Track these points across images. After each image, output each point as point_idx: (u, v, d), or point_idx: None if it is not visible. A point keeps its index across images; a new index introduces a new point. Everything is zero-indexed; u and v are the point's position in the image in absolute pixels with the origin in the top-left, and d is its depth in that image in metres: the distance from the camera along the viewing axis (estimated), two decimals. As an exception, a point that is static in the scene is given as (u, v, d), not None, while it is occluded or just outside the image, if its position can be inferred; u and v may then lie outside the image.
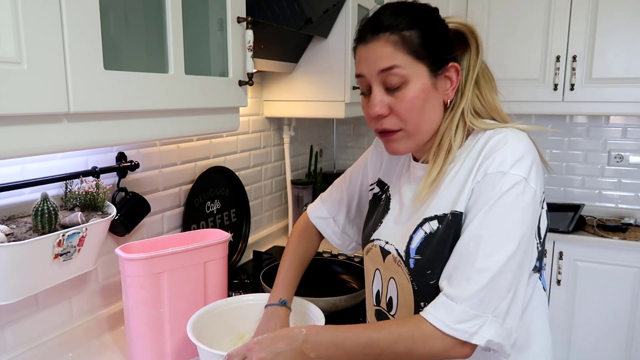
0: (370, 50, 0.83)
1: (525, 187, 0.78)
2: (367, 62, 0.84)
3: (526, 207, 0.78)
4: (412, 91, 0.82)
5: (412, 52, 0.82)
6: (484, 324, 0.75)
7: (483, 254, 0.76)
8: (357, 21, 1.78)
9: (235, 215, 1.78)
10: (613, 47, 2.11)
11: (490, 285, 0.75)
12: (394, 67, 0.82)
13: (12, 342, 1.07)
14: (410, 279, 0.87)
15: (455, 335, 0.75)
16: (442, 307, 0.76)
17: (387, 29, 0.82)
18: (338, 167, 2.78)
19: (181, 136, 1.03)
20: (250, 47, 1.12)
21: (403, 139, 0.87)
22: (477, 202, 0.79)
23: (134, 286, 1.06)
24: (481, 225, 0.77)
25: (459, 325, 0.75)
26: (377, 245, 0.95)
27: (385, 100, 0.84)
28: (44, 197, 0.96)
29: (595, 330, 2.11)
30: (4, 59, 0.64)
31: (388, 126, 0.86)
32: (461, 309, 0.75)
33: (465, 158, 0.85)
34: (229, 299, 1.13)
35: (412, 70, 0.82)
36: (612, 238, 2.07)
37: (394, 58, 0.81)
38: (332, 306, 1.33)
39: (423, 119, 0.85)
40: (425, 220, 0.86)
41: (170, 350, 1.11)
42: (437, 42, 0.84)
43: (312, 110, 1.84)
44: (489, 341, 0.75)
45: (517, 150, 0.79)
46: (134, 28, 0.91)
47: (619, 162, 2.46)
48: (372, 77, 0.84)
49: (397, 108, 0.84)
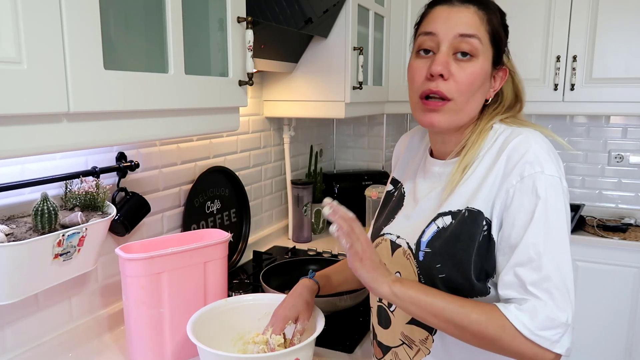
0: (456, 14, 0.84)
1: (561, 186, 0.79)
2: (447, 23, 0.84)
3: (565, 205, 0.80)
4: (477, 67, 0.84)
5: (491, 34, 0.85)
6: (566, 332, 0.75)
7: (547, 262, 0.76)
8: (357, 21, 1.79)
9: (235, 215, 1.78)
10: (613, 47, 2.11)
11: (563, 291, 0.75)
12: (474, 37, 0.83)
13: (12, 342, 1.07)
14: (417, 271, 0.87)
15: (538, 341, 0.74)
16: (528, 310, 0.75)
17: (478, 3, 0.85)
18: (338, 167, 2.78)
19: (181, 136, 1.03)
20: (250, 47, 1.12)
21: (448, 112, 0.85)
22: (522, 207, 0.79)
23: (134, 286, 1.06)
24: (535, 232, 0.77)
25: (543, 332, 0.74)
26: (388, 239, 0.95)
27: (449, 64, 0.84)
28: (44, 197, 0.96)
29: (595, 330, 2.10)
30: (4, 59, 0.64)
31: (444, 90, 0.84)
32: (546, 317, 0.74)
33: (483, 156, 0.85)
34: (229, 299, 1.13)
35: (485, 50, 0.85)
36: (612, 238, 2.07)
37: (478, 29, 0.84)
38: (332, 306, 1.33)
39: (472, 100, 0.86)
40: (440, 215, 0.86)
41: (170, 350, 1.11)
42: (504, 39, 0.89)
43: (312, 110, 1.84)
44: (568, 349, 0.75)
45: (544, 150, 0.81)
46: (134, 28, 0.91)
47: (619, 162, 2.46)
48: (447, 38, 0.84)
49: (459, 76, 0.84)
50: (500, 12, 0.89)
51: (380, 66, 2.16)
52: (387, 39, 2.19)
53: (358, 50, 1.77)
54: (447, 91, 0.84)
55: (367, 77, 1.95)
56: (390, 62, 2.23)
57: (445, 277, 0.83)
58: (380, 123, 2.68)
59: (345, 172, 2.57)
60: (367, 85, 1.94)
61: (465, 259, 0.82)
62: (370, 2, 1.93)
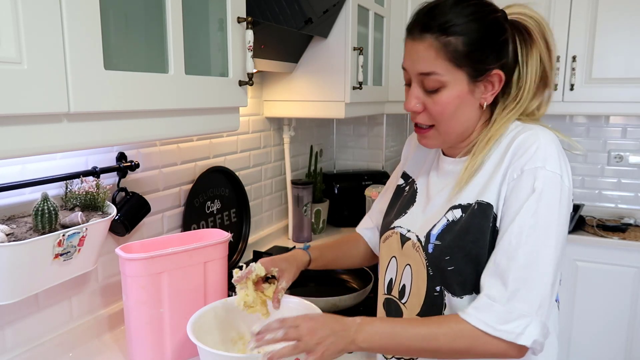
0: (415, 50, 0.85)
1: (561, 184, 0.79)
2: (410, 60, 0.86)
3: (563, 204, 0.79)
4: (447, 97, 0.84)
5: (454, 60, 0.82)
6: (530, 324, 0.74)
7: (524, 252, 0.76)
8: (357, 21, 1.79)
9: (235, 215, 1.78)
10: (613, 47, 2.11)
11: (533, 283, 0.75)
12: (433, 74, 0.83)
13: (12, 342, 1.07)
14: (426, 264, 0.87)
15: (501, 336, 0.74)
16: (485, 308, 0.76)
17: (435, 31, 0.82)
18: (338, 167, 2.78)
19: (181, 136, 1.03)
20: (250, 47, 1.12)
21: (433, 137, 0.90)
22: (517, 199, 0.79)
23: (134, 286, 1.06)
24: (521, 223, 0.77)
25: (503, 326, 0.74)
26: (398, 232, 0.96)
27: (421, 98, 0.87)
28: (44, 197, 0.96)
29: (595, 330, 2.11)
30: (4, 59, 0.64)
31: (420, 121, 0.89)
32: (505, 309, 0.75)
33: (492, 151, 0.86)
34: (229, 299, 1.13)
35: (451, 77, 0.83)
36: (612, 238, 2.07)
37: (435, 65, 0.83)
38: (332, 306, 1.33)
39: (455, 121, 0.87)
40: (450, 208, 0.87)
41: (170, 350, 1.11)
42: (483, 50, 0.83)
43: (312, 110, 1.84)
44: (535, 341, 0.74)
45: (550, 146, 0.80)
46: (134, 28, 0.91)
47: (618, 162, 2.46)
48: (413, 75, 0.86)
49: (431, 108, 0.86)
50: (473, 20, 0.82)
51: (380, 66, 2.16)
52: (387, 39, 2.19)
53: (358, 50, 1.77)
54: (424, 121, 0.89)
55: (367, 77, 1.95)
56: (390, 62, 2.23)
57: (454, 269, 0.83)
58: (380, 123, 2.68)
59: (345, 172, 2.57)
60: (367, 85, 1.94)
61: (475, 251, 0.82)
62: (370, 2, 1.93)
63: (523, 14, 0.87)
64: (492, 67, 0.85)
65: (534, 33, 0.87)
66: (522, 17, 0.87)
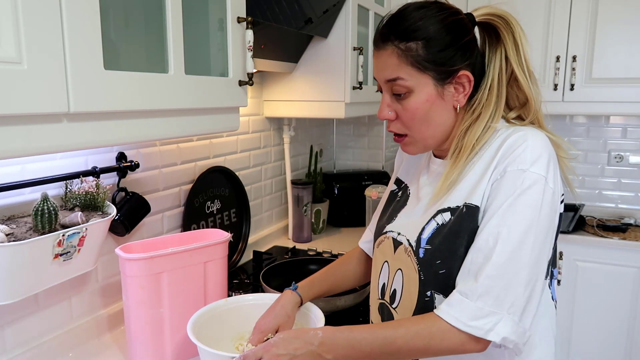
0: (380, 59, 0.87)
1: (544, 186, 0.78)
2: (377, 69, 0.89)
3: (544, 206, 0.78)
4: (415, 102, 0.85)
5: (416, 64, 0.83)
6: (500, 321, 0.75)
7: (499, 251, 0.76)
8: (357, 21, 1.79)
9: (235, 215, 1.78)
10: (613, 47, 2.11)
11: (506, 282, 0.75)
12: (398, 79, 0.84)
13: (12, 342, 1.07)
14: (418, 268, 0.87)
15: (471, 332, 0.75)
16: (456, 304, 0.77)
17: (396, 39, 0.84)
18: (338, 167, 2.78)
19: (181, 136, 1.03)
20: (250, 47, 1.12)
21: (411, 144, 0.91)
22: (496, 199, 0.79)
23: (134, 286, 1.06)
24: (499, 222, 0.78)
25: (473, 322, 0.75)
26: (390, 237, 0.96)
27: (392, 105, 0.88)
28: (44, 197, 0.96)
29: (595, 330, 2.10)
30: (4, 59, 0.64)
31: (394, 130, 0.90)
32: (475, 306, 0.76)
33: (482, 154, 0.85)
34: (229, 299, 1.13)
35: (417, 81, 0.84)
36: (612, 238, 2.07)
37: (399, 70, 0.84)
38: (332, 306, 1.33)
39: (428, 126, 0.87)
40: (439, 212, 0.87)
41: (170, 350, 1.11)
42: (445, 52, 0.83)
43: (312, 110, 1.84)
44: (504, 338, 0.75)
45: (536, 148, 0.80)
46: (134, 28, 0.91)
47: (619, 162, 2.46)
48: (381, 83, 0.88)
49: (402, 115, 0.87)
50: (432, 24, 0.83)
51: (380, 66, 2.15)
52: (387, 39, 2.19)
53: (358, 50, 1.78)
54: (398, 130, 0.90)
55: (367, 77, 1.95)
56: (390, 62, 2.23)
57: (445, 272, 0.83)
58: (380, 123, 2.68)
59: (345, 172, 2.57)
60: (367, 85, 1.94)
61: (465, 254, 0.82)
62: (370, 2, 1.93)
63: (489, 14, 0.87)
64: (457, 68, 0.84)
65: (502, 31, 0.87)
66: (489, 17, 0.87)
